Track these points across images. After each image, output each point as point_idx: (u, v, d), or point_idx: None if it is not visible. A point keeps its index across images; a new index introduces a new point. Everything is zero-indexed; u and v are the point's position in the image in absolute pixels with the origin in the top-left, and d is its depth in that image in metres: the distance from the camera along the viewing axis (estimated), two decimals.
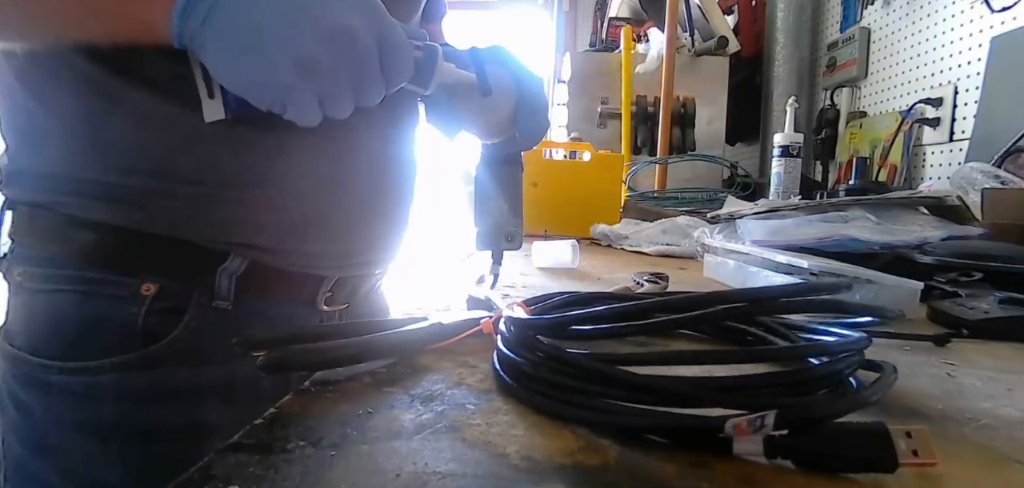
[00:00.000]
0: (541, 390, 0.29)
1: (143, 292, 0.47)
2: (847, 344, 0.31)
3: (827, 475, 0.23)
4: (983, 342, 0.48)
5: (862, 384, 0.29)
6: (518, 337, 0.34)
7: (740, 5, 2.25)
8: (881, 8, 1.69)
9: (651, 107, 1.98)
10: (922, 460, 0.22)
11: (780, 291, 0.34)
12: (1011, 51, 1.24)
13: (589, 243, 1.28)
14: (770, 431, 0.23)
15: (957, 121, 1.40)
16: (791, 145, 1.44)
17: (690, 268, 0.94)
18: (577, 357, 0.29)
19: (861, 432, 0.23)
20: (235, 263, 0.50)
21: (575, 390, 0.28)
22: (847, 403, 0.25)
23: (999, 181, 0.96)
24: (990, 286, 0.61)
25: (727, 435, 0.23)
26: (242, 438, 0.25)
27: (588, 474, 0.23)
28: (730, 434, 0.23)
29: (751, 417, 0.23)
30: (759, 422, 0.23)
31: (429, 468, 0.23)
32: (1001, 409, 0.32)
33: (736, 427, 0.23)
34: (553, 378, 0.29)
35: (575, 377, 0.29)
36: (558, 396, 0.28)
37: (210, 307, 0.49)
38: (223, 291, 0.50)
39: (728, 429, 0.23)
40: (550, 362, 0.31)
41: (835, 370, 0.29)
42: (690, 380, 0.27)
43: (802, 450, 0.23)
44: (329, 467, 0.23)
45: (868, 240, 0.71)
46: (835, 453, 0.23)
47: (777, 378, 0.28)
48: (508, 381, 0.32)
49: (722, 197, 1.40)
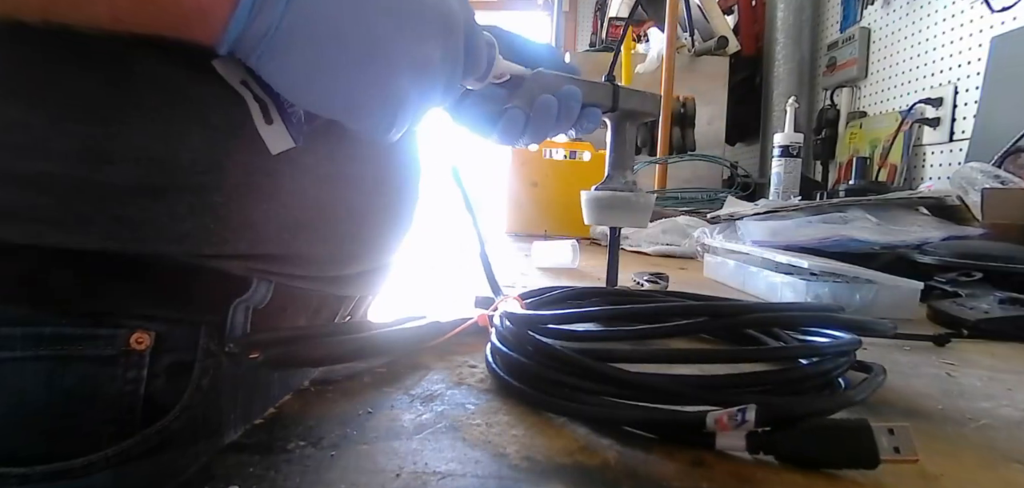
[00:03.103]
0: (531, 384, 0.30)
1: (135, 346, 0.33)
2: (838, 346, 0.31)
3: (827, 476, 0.23)
4: (983, 342, 0.48)
5: (850, 384, 0.30)
6: (511, 331, 0.34)
7: (740, 5, 2.25)
8: (881, 8, 1.69)
9: None
10: (904, 457, 0.22)
11: (781, 307, 0.34)
12: (1011, 51, 1.24)
13: (589, 243, 1.28)
14: (751, 426, 0.23)
15: (957, 121, 1.40)
16: (791, 145, 1.44)
17: (690, 268, 0.94)
18: (566, 353, 0.30)
19: (844, 429, 0.24)
20: (260, 292, 0.37)
21: (565, 385, 0.29)
22: (830, 401, 0.26)
23: (999, 181, 0.96)
24: (990, 286, 0.61)
25: (710, 430, 0.23)
26: (242, 438, 0.25)
27: (588, 474, 0.23)
28: (712, 428, 0.23)
29: (732, 412, 0.23)
30: (740, 417, 0.23)
31: (429, 468, 0.23)
32: (1001, 409, 0.32)
33: (718, 422, 0.23)
34: (544, 373, 0.30)
35: (565, 372, 0.29)
36: (548, 390, 0.29)
37: (222, 354, 0.37)
38: (238, 330, 0.37)
39: (710, 423, 0.23)
40: (541, 357, 0.31)
41: (824, 370, 0.29)
42: (675, 377, 0.28)
43: (784, 446, 0.23)
44: (329, 467, 0.23)
45: (868, 240, 0.71)
46: (817, 449, 0.23)
47: (765, 377, 0.28)
48: (500, 374, 0.32)
49: (722, 197, 1.40)
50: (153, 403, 0.34)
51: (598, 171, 0.59)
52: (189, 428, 0.35)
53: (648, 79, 1.98)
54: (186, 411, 0.35)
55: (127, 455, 0.33)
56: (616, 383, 0.27)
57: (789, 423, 0.23)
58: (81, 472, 0.32)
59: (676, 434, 0.25)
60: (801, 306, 0.37)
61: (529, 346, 0.32)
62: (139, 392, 0.34)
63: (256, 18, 0.27)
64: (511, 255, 1.07)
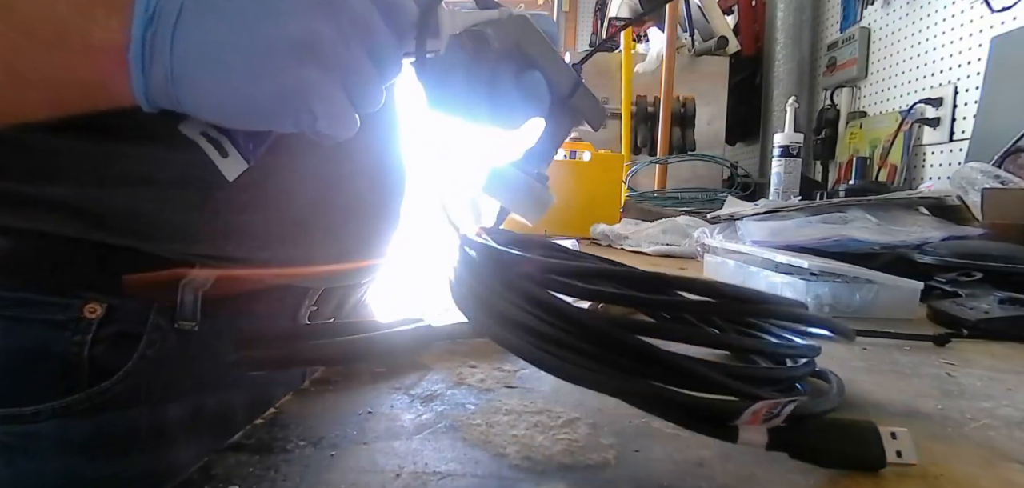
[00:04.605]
0: (534, 342, 0.25)
1: (87, 314, 0.38)
2: (814, 348, 0.31)
3: (827, 475, 0.23)
4: (983, 342, 0.48)
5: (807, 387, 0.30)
6: (496, 272, 0.29)
7: (740, 5, 2.25)
8: (881, 8, 1.69)
9: (651, 107, 1.98)
10: (905, 461, 0.23)
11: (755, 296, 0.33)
12: (1011, 51, 1.24)
13: (589, 243, 1.28)
14: (779, 422, 0.22)
15: (957, 121, 1.40)
16: (791, 145, 1.44)
17: (690, 268, 0.94)
18: (591, 318, 0.25)
19: (854, 430, 0.24)
20: (201, 277, 0.40)
21: (576, 350, 0.24)
22: (834, 400, 0.26)
23: (999, 181, 0.96)
24: (990, 286, 0.61)
25: (737, 424, 0.22)
26: (242, 438, 0.25)
27: (588, 474, 0.23)
28: (743, 423, 0.22)
29: (771, 405, 0.22)
30: (777, 411, 0.22)
31: (429, 468, 0.23)
32: (1001, 409, 0.32)
33: (754, 415, 0.22)
34: (544, 329, 0.25)
35: (574, 336, 0.24)
36: (552, 350, 0.24)
37: (171, 330, 0.40)
38: (188, 310, 0.40)
39: (745, 416, 0.22)
40: (543, 312, 0.26)
41: (807, 372, 0.30)
42: (708, 363, 0.25)
43: (801, 444, 0.23)
44: (329, 467, 0.23)
45: (868, 240, 0.71)
46: (830, 448, 0.23)
47: (775, 373, 0.28)
48: (476, 315, 0.28)
49: (722, 197, 1.40)
50: (98, 366, 0.38)
51: (598, 171, 0.57)
52: (131, 391, 0.39)
53: (648, 79, 1.98)
54: (129, 376, 0.39)
55: (71, 409, 0.38)
56: (640, 357, 0.24)
57: (802, 421, 0.23)
58: (30, 418, 0.37)
59: (699, 424, 0.22)
60: (773, 298, 0.34)
61: (527, 296, 0.26)
62: (82, 354, 0.38)
63: (152, 65, 0.27)
64: None
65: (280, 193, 0.42)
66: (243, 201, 0.40)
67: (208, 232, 0.40)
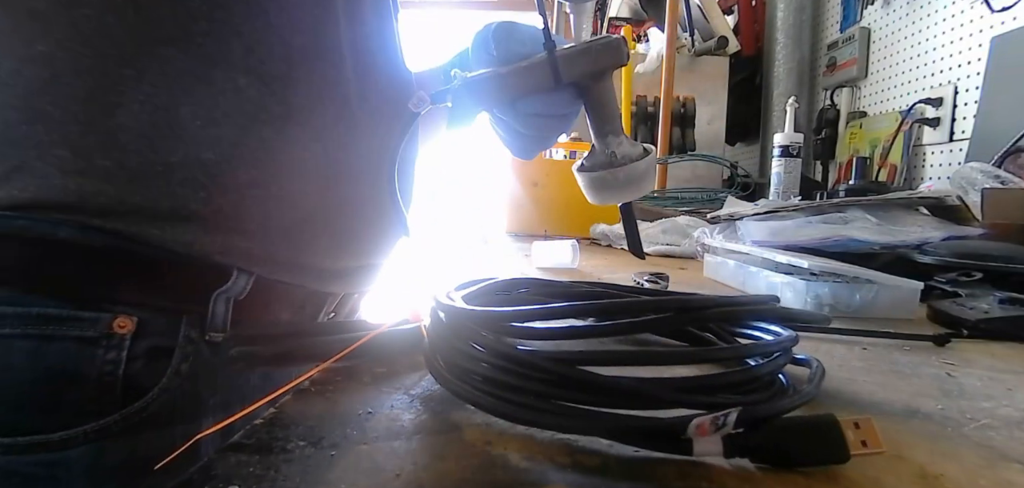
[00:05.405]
0: (487, 389, 0.26)
1: (118, 329, 0.35)
2: (781, 342, 0.31)
3: (826, 474, 0.23)
4: (983, 342, 0.48)
5: (788, 380, 0.30)
6: (457, 330, 0.30)
7: (740, 5, 2.25)
8: (881, 8, 1.69)
9: (651, 107, 1.98)
10: (870, 450, 0.22)
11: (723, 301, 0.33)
12: (1011, 51, 1.24)
13: (589, 243, 1.28)
14: (730, 430, 0.22)
15: (957, 121, 1.40)
16: (791, 145, 1.44)
17: (690, 268, 0.94)
18: (532, 357, 0.26)
19: (813, 426, 0.23)
20: (240, 283, 0.39)
21: (525, 391, 0.25)
22: (794, 398, 0.26)
23: (999, 181, 0.96)
24: (990, 286, 0.61)
25: (689, 436, 0.23)
26: (242, 438, 0.25)
27: (587, 474, 0.23)
28: (692, 435, 0.22)
29: (714, 416, 0.22)
30: (722, 421, 0.22)
31: (429, 468, 0.23)
32: (1001, 409, 0.32)
33: (699, 427, 0.22)
34: (500, 377, 0.26)
35: (525, 378, 0.26)
36: (508, 397, 0.26)
37: (203, 342, 0.39)
38: (219, 320, 0.39)
39: (691, 430, 0.22)
40: (496, 359, 0.27)
41: (775, 368, 0.29)
42: (655, 380, 0.25)
43: (758, 447, 0.23)
44: (329, 467, 0.23)
45: (868, 240, 0.71)
46: (790, 448, 0.23)
47: (731, 377, 0.27)
48: (447, 376, 0.29)
49: (722, 197, 1.40)
50: (132, 385, 0.36)
51: None
52: (166, 410, 0.37)
53: (648, 79, 1.98)
54: (164, 393, 0.37)
55: (105, 432, 0.35)
56: (585, 388, 0.25)
57: (758, 424, 0.23)
58: (58, 445, 0.34)
59: (652, 443, 0.24)
60: (740, 300, 0.35)
61: (481, 347, 0.28)
62: (118, 373, 0.35)
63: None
64: (511, 255, 1.07)
65: (283, 192, 0.42)
66: (274, 194, 0.39)
67: (238, 232, 0.38)
